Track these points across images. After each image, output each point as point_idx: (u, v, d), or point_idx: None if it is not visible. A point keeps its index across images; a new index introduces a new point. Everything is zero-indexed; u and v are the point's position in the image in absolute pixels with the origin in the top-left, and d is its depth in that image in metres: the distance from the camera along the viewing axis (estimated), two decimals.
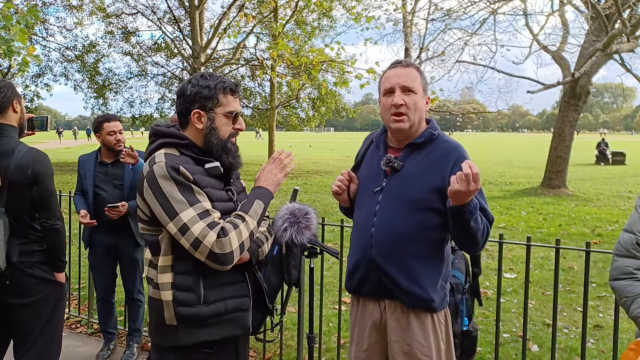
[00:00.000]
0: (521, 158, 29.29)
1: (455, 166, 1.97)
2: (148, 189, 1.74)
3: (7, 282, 2.37)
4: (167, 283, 1.77)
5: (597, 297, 5.27)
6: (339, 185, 2.16)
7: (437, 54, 15.01)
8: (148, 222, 1.81)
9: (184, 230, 1.68)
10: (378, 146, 2.16)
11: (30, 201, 2.39)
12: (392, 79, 2.03)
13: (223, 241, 1.68)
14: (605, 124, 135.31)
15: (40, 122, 2.77)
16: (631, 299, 1.84)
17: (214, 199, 1.80)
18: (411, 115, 2.01)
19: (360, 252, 2.06)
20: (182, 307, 1.75)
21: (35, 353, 2.48)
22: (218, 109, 1.86)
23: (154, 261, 1.84)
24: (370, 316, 2.10)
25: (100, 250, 3.68)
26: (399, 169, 2.04)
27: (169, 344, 1.80)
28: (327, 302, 4.88)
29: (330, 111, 25.70)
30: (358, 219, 2.15)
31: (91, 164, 3.66)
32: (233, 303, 1.83)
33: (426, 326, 2.01)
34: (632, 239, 1.88)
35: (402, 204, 2.01)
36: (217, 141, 1.85)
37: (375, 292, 2.06)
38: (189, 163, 1.79)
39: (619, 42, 11.27)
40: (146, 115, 24.02)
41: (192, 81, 1.87)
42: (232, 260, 1.72)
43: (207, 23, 20.44)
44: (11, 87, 2.45)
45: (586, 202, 12.09)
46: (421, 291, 1.98)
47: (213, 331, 1.80)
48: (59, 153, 29.06)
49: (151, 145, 1.88)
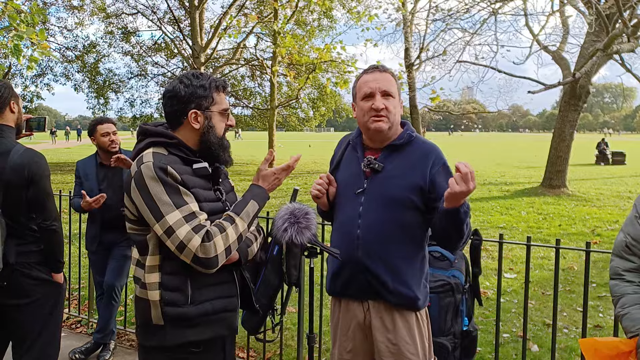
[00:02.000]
0: (521, 158, 29.28)
1: (434, 166, 2.05)
2: (135, 189, 1.73)
3: (5, 283, 2.37)
4: (155, 283, 1.76)
5: (597, 297, 5.27)
6: (318, 189, 2.17)
7: (438, 53, 15.03)
8: (135, 221, 1.81)
9: (170, 232, 1.67)
10: (355, 148, 2.19)
11: (26, 202, 2.38)
12: (371, 83, 2.07)
13: (207, 246, 1.67)
14: (605, 124, 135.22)
15: (37, 123, 2.74)
16: (617, 299, 1.90)
17: (202, 199, 1.79)
18: (391, 117, 2.05)
19: (346, 254, 2.08)
20: (170, 307, 1.75)
21: (33, 354, 2.48)
22: (214, 107, 1.85)
23: (141, 261, 1.82)
24: (353, 317, 2.12)
25: (103, 250, 3.71)
26: (379, 170, 2.07)
27: (155, 344, 1.80)
28: (327, 302, 4.87)
29: (330, 111, 25.70)
30: (340, 220, 2.16)
31: (92, 168, 3.70)
32: (220, 303, 1.83)
33: (411, 325, 2.05)
34: (622, 241, 1.91)
35: (385, 204, 2.04)
36: (215, 139, 1.86)
37: (360, 293, 2.09)
38: (177, 163, 1.78)
39: (619, 42, 11.26)
40: (147, 115, 24.02)
41: (184, 81, 1.84)
42: (217, 264, 1.71)
43: (207, 23, 20.47)
44: (8, 87, 2.45)
45: (586, 202, 12.09)
46: (407, 290, 2.03)
47: (200, 331, 1.80)
48: (59, 153, 29.06)
49: (139, 144, 1.86)
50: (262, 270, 2.05)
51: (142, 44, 22.95)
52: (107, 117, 3.78)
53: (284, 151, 26.68)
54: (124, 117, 24.93)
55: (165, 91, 1.88)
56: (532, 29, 15.08)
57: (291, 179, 17.03)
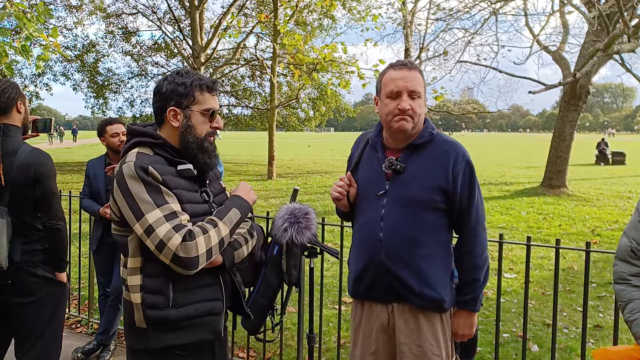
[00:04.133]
0: (521, 158, 29.28)
1: (456, 164, 1.99)
2: (117, 188, 1.71)
3: (9, 281, 2.38)
4: (137, 285, 1.73)
5: (597, 297, 5.27)
6: (339, 192, 2.13)
7: (438, 53, 15.02)
8: (118, 222, 1.79)
9: (150, 231, 1.64)
10: (375, 148, 2.13)
11: (32, 201, 2.40)
12: (399, 82, 2.00)
13: (188, 245, 1.64)
14: (605, 123, 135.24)
15: (44, 124, 2.79)
16: (624, 304, 1.88)
17: (185, 200, 1.75)
18: (416, 118, 2.00)
19: (368, 257, 2.04)
20: (151, 310, 1.72)
21: (36, 352, 2.49)
22: (194, 106, 1.81)
23: (125, 262, 1.80)
24: (377, 319, 2.09)
25: (106, 251, 3.72)
26: (401, 171, 2.03)
27: (140, 347, 1.78)
28: (327, 302, 4.88)
29: (331, 111, 25.69)
30: (362, 222, 2.12)
31: (101, 168, 3.72)
32: (204, 307, 1.79)
33: (436, 326, 2.02)
34: (627, 246, 1.90)
35: (408, 206, 2.00)
36: (194, 139, 1.81)
37: (384, 296, 2.05)
38: (161, 163, 1.75)
39: (619, 42, 11.26)
40: (146, 114, 24.01)
41: (168, 78, 1.82)
42: (197, 265, 1.67)
43: (207, 23, 20.47)
44: (15, 87, 2.47)
45: (586, 202, 12.09)
46: (433, 292, 1.99)
47: (183, 335, 1.76)
48: (60, 153, 29.07)
49: (126, 144, 1.86)
50: (262, 270, 2.04)
51: (142, 43, 22.96)
52: (116, 117, 3.79)
53: (282, 151, 26.73)
54: (123, 117, 24.93)
55: (153, 88, 1.89)
56: (533, 29, 15.09)
57: (291, 179, 17.02)
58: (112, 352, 3.77)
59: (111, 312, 3.73)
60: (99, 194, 3.66)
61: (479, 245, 2.05)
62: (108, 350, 3.75)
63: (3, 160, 2.33)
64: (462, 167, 2.00)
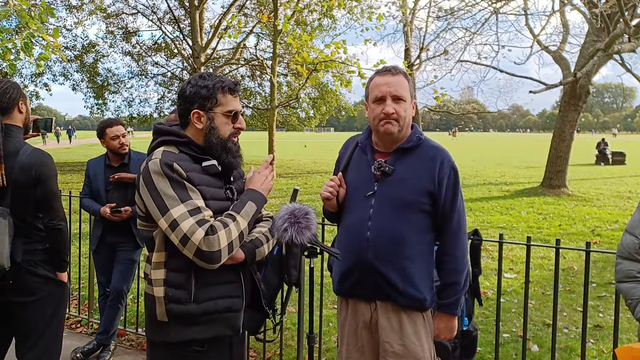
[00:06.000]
0: (521, 158, 29.27)
1: (442, 169, 2.07)
2: (143, 184, 1.78)
3: (11, 281, 2.39)
4: (160, 279, 1.79)
5: (597, 297, 5.27)
6: (330, 192, 2.19)
7: (439, 53, 15.02)
8: (144, 217, 1.85)
9: (174, 226, 1.70)
10: (364, 150, 2.20)
11: (33, 201, 2.41)
12: (382, 87, 2.08)
13: (211, 239, 1.69)
14: (606, 123, 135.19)
15: (44, 124, 2.79)
16: (636, 302, 1.88)
17: (208, 197, 1.81)
18: (401, 121, 2.07)
19: (355, 256, 2.09)
20: (173, 304, 1.77)
21: (36, 352, 2.49)
22: (217, 108, 1.87)
23: (150, 257, 1.86)
24: (361, 316, 2.15)
25: (106, 251, 3.73)
26: (390, 173, 2.09)
27: (160, 340, 1.83)
28: (327, 302, 4.88)
29: (331, 110, 25.68)
30: (349, 223, 2.17)
31: (101, 168, 3.74)
32: (224, 303, 1.84)
33: (418, 325, 2.08)
34: (634, 243, 1.89)
35: (396, 207, 2.06)
36: (217, 140, 1.87)
37: (369, 294, 2.11)
38: (186, 161, 1.81)
39: (620, 42, 11.25)
40: (144, 114, 24.00)
41: (191, 82, 1.89)
42: (220, 259, 1.73)
43: (207, 23, 20.46)
44: (17, 87, 2.47)
45: (586, 202, 12.09)
46: (416, 292, 2.05)
47: (203, 329, 1.81)
48: (59, 153, 29.07)
49: (152, 143, 1.91)
50: (262, 271, 2.06)
51: (142, 44, 22.94)
52: (115, 118, 3.81)
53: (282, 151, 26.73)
54: (121, 116, 24.88)
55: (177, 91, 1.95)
56: (533, 29, 15.09)
57: (291, 179, 17.02)
58: (112, 352, 3.77)
59: (111, 312, 3.73)
60: (99, 194, 3.68)
61: (461, 248, 2.12)
62: (108, 350, 3.75)
63: (4, 161, 2.34)
64: (448, 171, 2.09)
